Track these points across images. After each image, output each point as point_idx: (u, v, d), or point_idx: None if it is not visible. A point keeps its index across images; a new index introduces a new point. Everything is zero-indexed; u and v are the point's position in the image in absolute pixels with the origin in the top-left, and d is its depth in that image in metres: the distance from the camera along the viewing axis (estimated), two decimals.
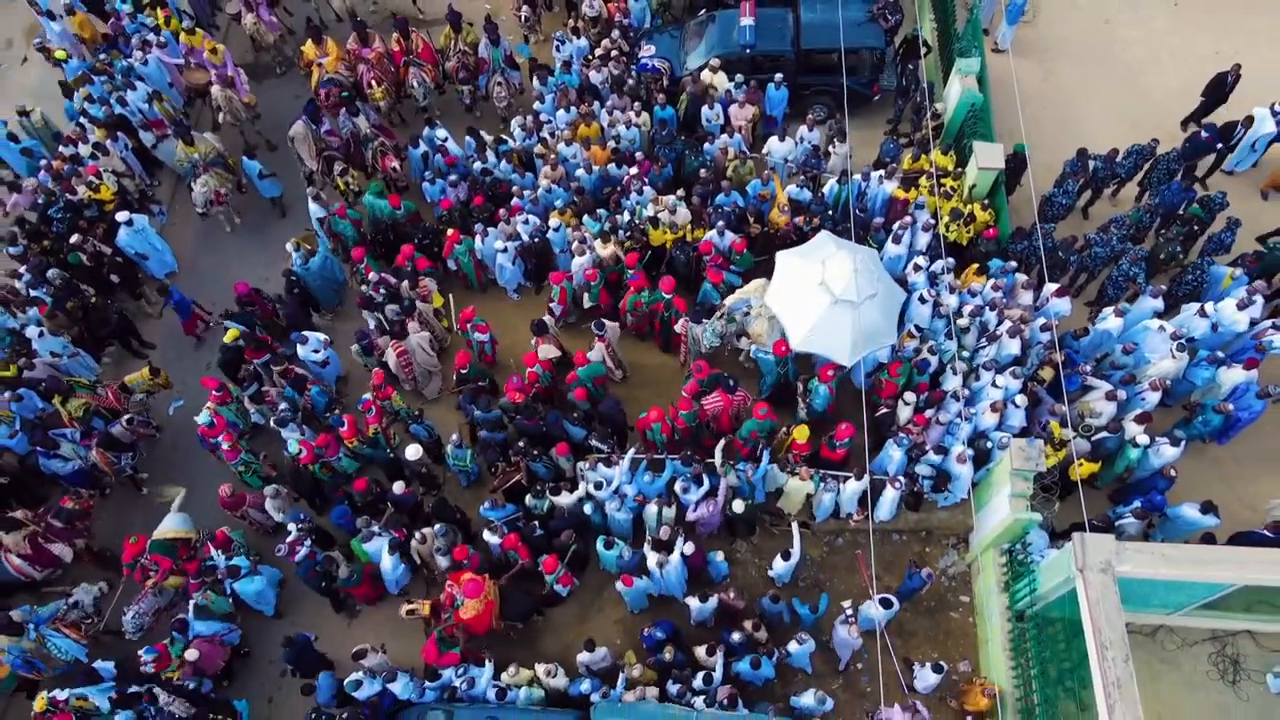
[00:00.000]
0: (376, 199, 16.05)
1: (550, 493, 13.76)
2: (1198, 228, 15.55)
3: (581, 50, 17.62)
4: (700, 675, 12.62)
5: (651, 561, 13.11)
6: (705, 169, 16.29)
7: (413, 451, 14.12)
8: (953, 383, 14.15)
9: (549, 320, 15.37)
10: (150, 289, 17.02)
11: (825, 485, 13.90)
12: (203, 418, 14.46)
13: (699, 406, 14.18)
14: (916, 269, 15.08)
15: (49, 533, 14.02)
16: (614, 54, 17.36)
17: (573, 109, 16.80)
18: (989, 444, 13.69)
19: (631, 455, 13.82)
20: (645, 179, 16.01)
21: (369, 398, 14.58)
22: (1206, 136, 16.11)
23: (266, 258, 16.92)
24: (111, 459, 14.57)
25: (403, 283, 15.59)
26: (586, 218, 15.87)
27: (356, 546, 13.69)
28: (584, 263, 15.22)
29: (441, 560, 13.71)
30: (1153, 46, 18.87)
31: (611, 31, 17.74)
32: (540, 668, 12.92)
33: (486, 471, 14.70)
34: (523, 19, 18.55)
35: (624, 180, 16.09)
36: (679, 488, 13.64)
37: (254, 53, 18.96)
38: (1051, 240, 15.20)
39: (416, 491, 14.28)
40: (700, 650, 12.88)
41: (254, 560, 13.70)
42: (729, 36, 17.53)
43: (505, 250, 15.54)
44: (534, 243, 15.73)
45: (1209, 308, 14.44)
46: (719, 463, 13.78)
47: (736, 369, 15.50)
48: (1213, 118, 16.94)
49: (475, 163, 16.55)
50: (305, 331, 15.22)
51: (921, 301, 14.72)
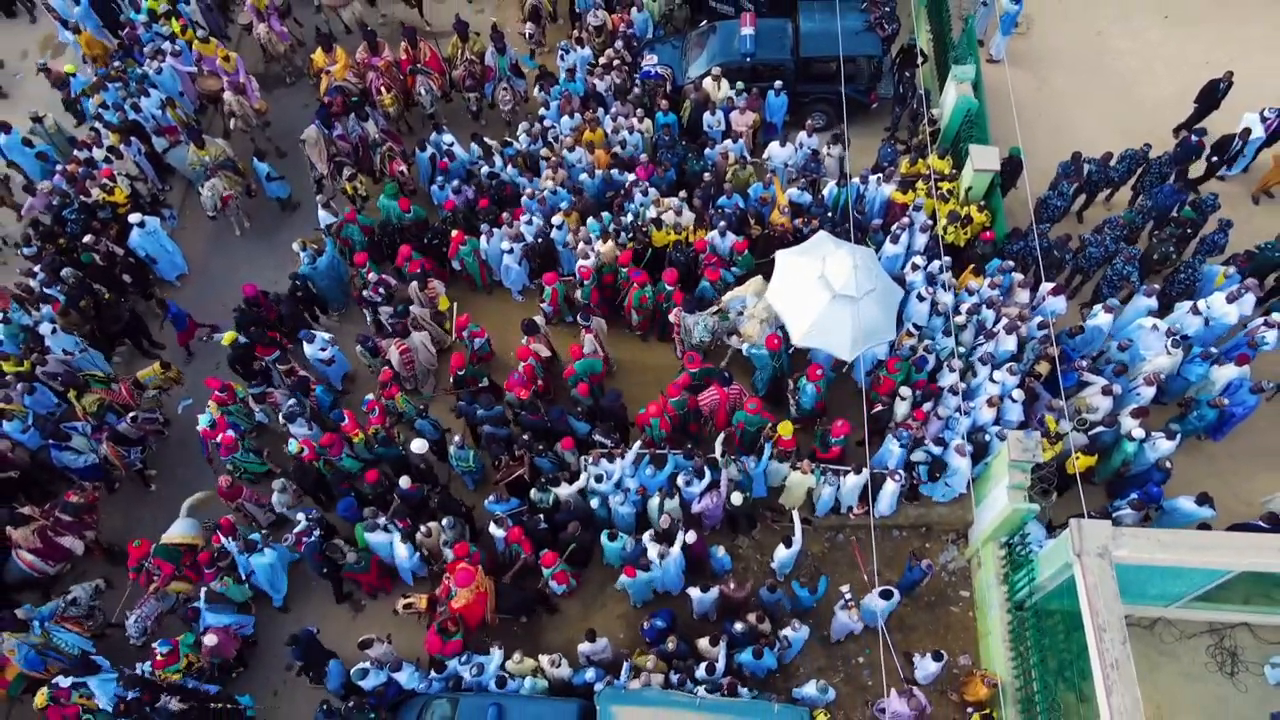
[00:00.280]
0: (390, 200, 16.38)
1: (550, 484, 13.94)
2: (1190, 230, 15.83)
3: (585, 59, 18.04)
4: (703, 666, 12.76)
5: (652, 552, 13.27)
6: (707, 173, 16.63)
7: (418, 445, 14.30)
8: (950, 378, 14.36)
9: (539, 320, 15.60)
10: (159, 291, 17.30)
11: (826, 479, 14.10)
12: (204, 420, 14.62)
13: (687, 396, 14.38)
14: (914, 268, 15.37)
15: (58, 526, 14.15)
16: (616, 63, 17.77)
17: (577, 115, 17.16)
18: (987, 436, 13.90)
19: (636, 450, 14.03)
20: (648, 182, 16.32)
21: (373, 398, 14.79)
22: (1197, 141, 16.44)
23: (275, 260, 17.20)
24: (121, 453, 14.75)
25: (411, 284, 15.88)
26: (590, 220, 16.17)
27: (360, 535, 13.87)
28: (587, 265, 15.48)
29: (447, 552, 13.87)
30: (1144, 57, 19.28)
31: (615, 41, 18.14)
32: (544, 658, 13.08)
33: (490, 467, 14.86)
34: (528, 36, 18.98)
35: (625, 185, 16.42)
36: (681, 481, 13.84)
37: (265, 63, 19.38)
38: (1047, 240, 15.48)
39: (421, 488, 14.40)
40: (703, 641, 13.01)
41: (265, 536, 13.85)
42: (730, 46, 17.93)
43: (511, 251, 15.82)
44: (539, 243, 16.00)
45: (1201, 304, 14.73)
46: (719, 456, 13.98)
47: (731, 365, 15.74)
48: (1206, 124, 17.20)
49: (483, 167, 16.87)
50: (313, 330, 15.47)
51: (920, 300, 15.00)
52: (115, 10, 19.58)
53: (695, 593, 13.49)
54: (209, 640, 13.03)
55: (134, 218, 16.22)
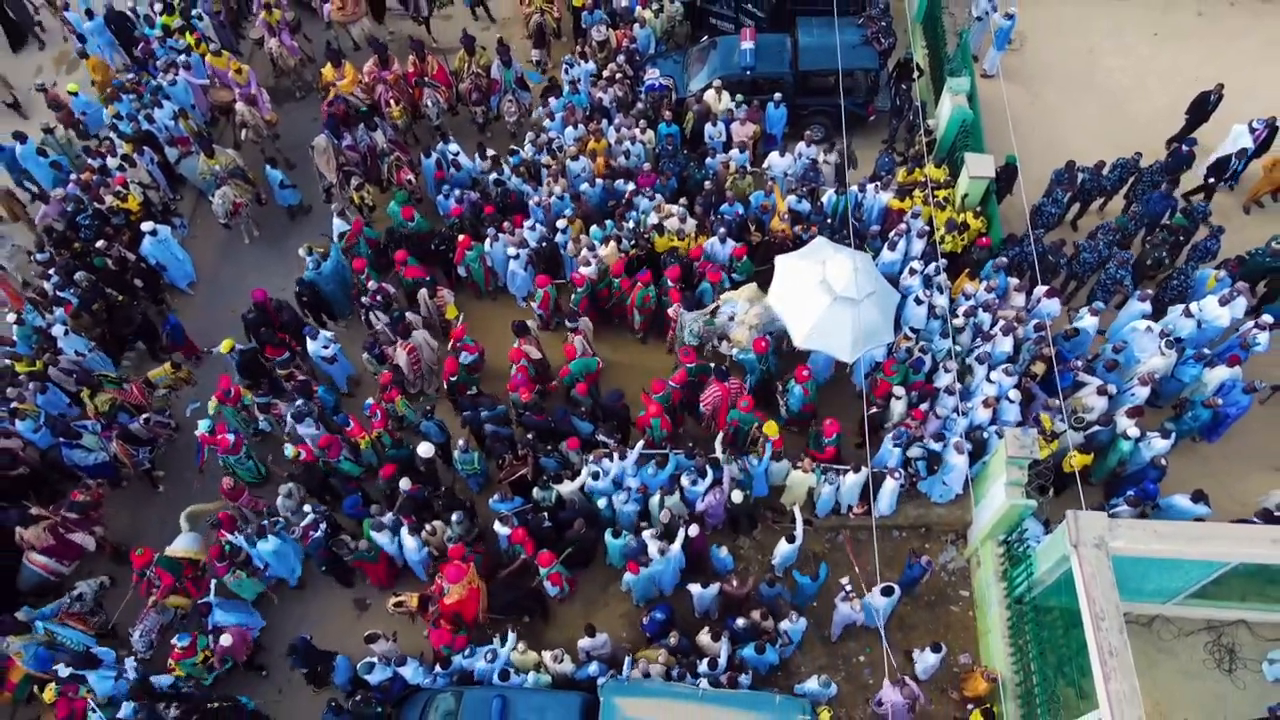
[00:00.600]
0: (400, 207, 16.71)
1: (553, 481, 14.13)
2: (1182, 237, 16.14)
3: (588, 72, 18.46)
4: (705, 661, 12.85)
5: (652, 549, 13.43)
6: (708, 181, 16.99)
7: (424, 450, 14.45)
8: (946, 379, 14.59)
9: (531, 323, 15.84)
10: (170, 298, 17.62)
11: (826, 478, 14.28)
12: (203, 425, 14.76)
13: (671, 390, 14.68)
14: (912, 273, 15.65)
15: (67, 523, 14.33)
16: (619, 76, 18.21)
17: (581, 126, 17.57)
18: (985, 434, 14.11)
19: (639, 450, 14.22)
20: (651, 190, 16.66)
21: (374, 401, 15.01)
22: (1188, 150, 16.81)
23: (284, 268, 17.48)
24: (131, 451, 14.94)
25: (421, 291, 16.18)
26: (594, 228, 16.50)
27: (367, 531, 14.05)
28: (589, 271, 15.77)
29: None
30: (1135, 72, 19.73)
31: (617, 56, 18.57)
32: (547, 654, 13.21)
33: (494, 467, 15.00)
34: (535, 62, 19.45)
35: (625, 195, 16.78)
36: (686, 481, 14.01)
37: (275, 77, 19.80)
38: (1042, 245, 15.77)
39: (423, 489, 14.55)
40: (704, 637, 13.15)
41: (272, 521, 14.04)
42: (730, 60, 18.38)
43: (517, 257, 16.13)
44: (543, 248, 16.29)
45: (1194, 307, 14.97)
46: (720, 454, 14.17)
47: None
48: (1198, 136, 17.53)
49: (491, 175, 17.25)
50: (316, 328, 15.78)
51: (917, 303, 15.27)
52: (130, 28, 19.96)
53: (696, 589, 13.61)
54: (224, 640, 13.18)
55: (146, 226, 16.51)
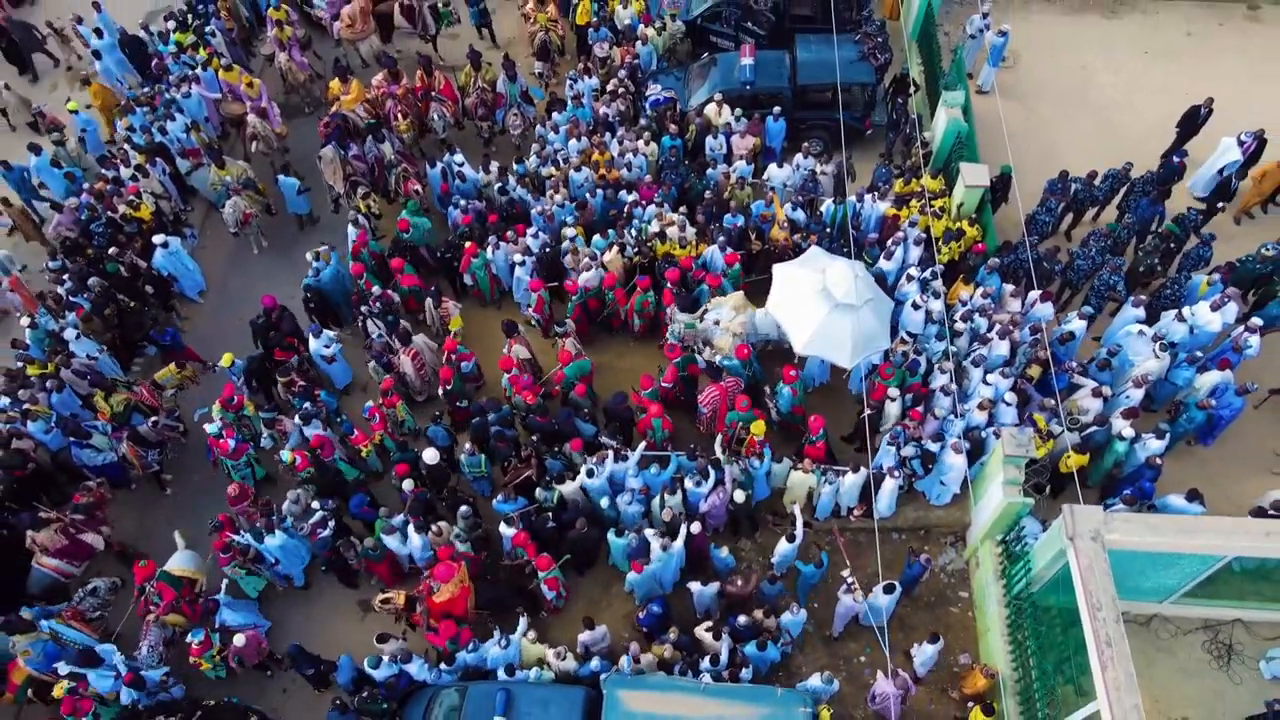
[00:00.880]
0: (414, 216, 17.10)
1: (556, 482, 14.33)
2: (1174, 244, 16.45)
3: (592, 87, 18.91)
4: (706, 659, 12.99)
5: (655, 545, 13.61)
6: (709, 192, 17.38)
7: (430, 455, 14.63)
8: (941, 380, 14.82)
9: (524, 327, 16.16)
10: (179, 306, 17.94)
11: (826, 479, 14.46)
12: (211, 429, 14.96)
13: (663, 387, 14.99)
14: (909, 279, 15.94)
15: (75, 524, 14.50)
16: (621, 91, 18.69)
17: (584, 139, 17.99)
18: (983, 434, 14.32)
19: (641, 452, 14.42)
20: (654, 200, 17.01)
21: (374, 404, 15.24)
22: (1178, 162, 17.20)
23: (292, 278, 17.72)
24: (140, 453, 15.14)
25: (426, 300, 16.51)
26: (596, 237, 16.83)
27: (378, 532, 14.23)
28: (590, 277, 16.09)
29: (460, 546, 14.21)
30: (1127, 89, 20.16)
31: (619, 71, 19.04)
32: (550, 651, 13.30)
33: (499, 471, 15.19)
34: (539, 75, 19.96)
35: (627, 205, 17.16)
36: (689, 483, 14.18)
37: (285, 93, 20.24)
38: (1037, 252, 16.06)
39: (426, 491, 14.75)
40: (706, 635, 13.28)
41: (277, 519, 14.23)
42: (730, 75, 18.82)
43: (524, 264, 16.42)
44: (546, 253, 16.62)
45: (1186, 311, 15.23)
46: (720, 455, 14.38)
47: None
48: (1188, 149, 17.93)
49: (497, 184, 17.61)
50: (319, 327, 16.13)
51: (915, 308, 15.53)
52: (144, 50, 20.34)
53: (695, 586, 13.76)
54: (238, 640, 13.34)
55: (157, 239, 16.90)
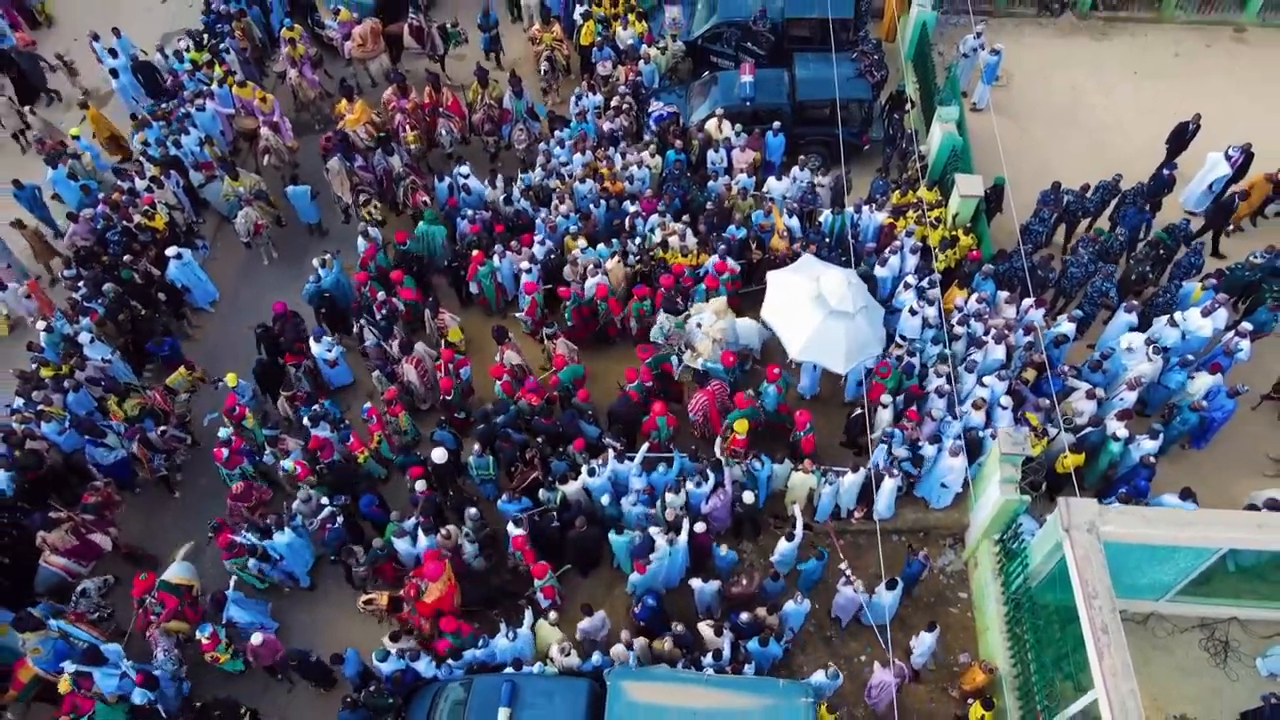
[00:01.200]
0: (430, 225, 17.56)
1: (560, 482, 14.53)
2: (1164, 252, 16.85)
3: (595, 104, 19.44)
4: (709, 655, 13.16)
5: (660, 541, 13.79)
6: (710, 203, 17.82)
7: (438, 455, 14.83)
8: (937, 382, 15.10)
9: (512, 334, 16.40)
10: (190, 314, 18.30)
11: (826, 479, 14.67)
12: (223, 433, 15.19)
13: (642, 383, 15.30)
14: (906, 287, 16.28)
15: (85, 524, 14.70)
16: (625, 107, 19.23)
17: (588, 153, 18.50)
18: (980, 434, 14.56)
19: (644, 454, 14.64)
20: (655, 212, 17.45)
21: (371, 405, 15.53)
22: (1169, 174, 17.65)
23: (302, 288, 17.89)
24: (148, 454, 15.40)
25: (424, 313, 16.83)
26: (600, 245, 17.20)
27: (389, 535, 14.41)
28: (591, 285, 16.47)
29: (469, 547, 14.41)
30: (1116, 108, 20.67)
31: (621, 88, 19.60)
32: (554, 647, 13.43)
33: (504, 475, 15.35)
34: (542, 73, 20.51)
35: (628, 216, 17.63)
36: (690, 485, 14.35)
37: (296, 110, 20.73)
38: (1031, 261, 16.42)
39: (435, 494, 14.94)
40: (707, 631, 13.43)
41: (287, 516, 14.45)
42: (731, 92, 19.34)
43: (530, 271, 16.78)
44: (551, 259, 17.02)
45: (1178, 316, 15.53)
46: (722, 457, 14.60)
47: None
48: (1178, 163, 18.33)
49: (502, 195, 18.08)
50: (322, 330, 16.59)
51: (912, 313, 15.84)
52: (156, 76, 20.85)
53: (697, 583, 13.93)
54: (255, 639, 13.46)
55: (171, 251, 17.28)
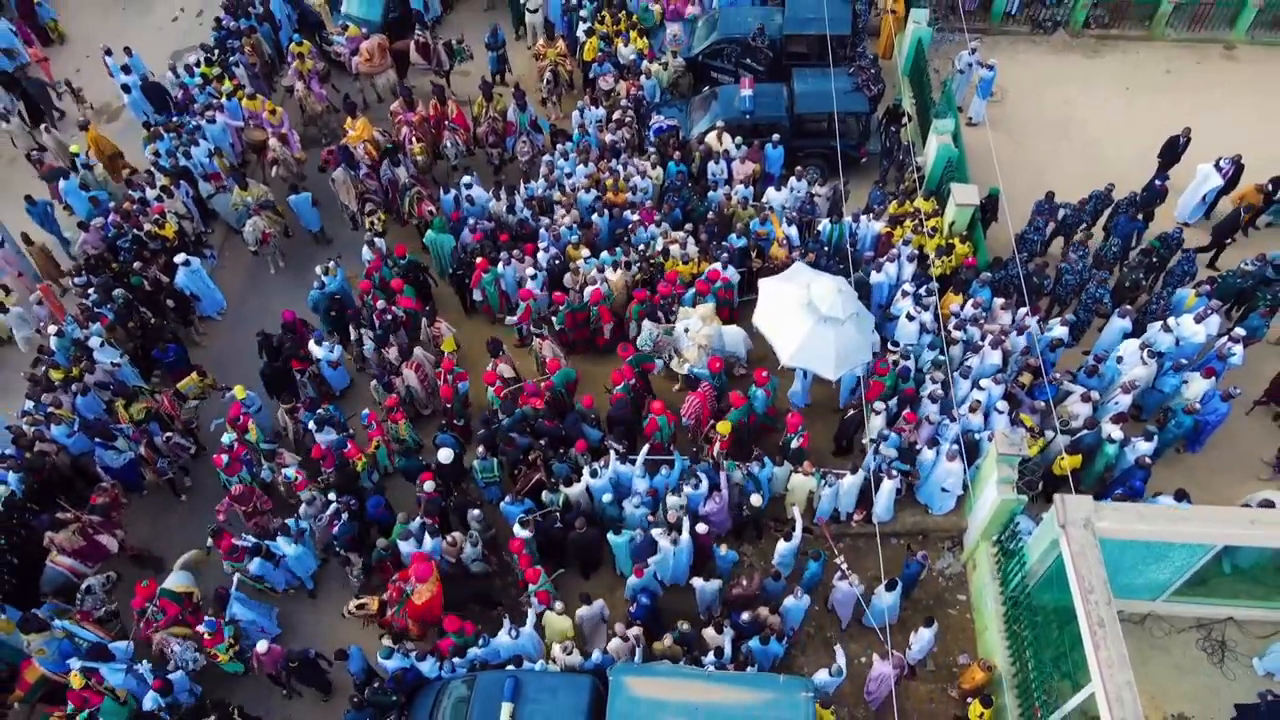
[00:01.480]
0: (439, 234, 17.89)
1: (564, 484, 14.69)
2: (1157, 260, 17.12)
3: (598, 117, 19.86)
4: (710, 654, 13.30)
5: (664, 542, 13.94)
6: (711, 213, 18.19)
7: (444, 455, 15.07)
8: (930, 387, 15.36)
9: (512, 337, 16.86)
10: (198, 322, 18.60)
11: (826, 481, 14.83)
12: (226, 438, 15.37)
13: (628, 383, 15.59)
14: (904, 295, 16.55)
15: (93, 525, 14.85)
16: (627, 120, 19.64)
17: (591, 164, 18.93)
18: (977, 437, 14.76)
19: (645, 456, 14.79)
20: (653, 222, 17.86)
21: (371, 411, 15.77)
22: (1160, 185, 18.00)
23: (307, 296, 18.16)
24: (153, 457, 15.61)
25: (420, 320, 17.13)
26: (604, 254, 17.52)
27: (395, 536, 14.64)
28: (590, 291, 16.82)
29: (469, 549, 14.55)
30: (1110, 123, 21.00)
31: (623, 102, 20.02)
32: (556, 646, 13.56)
33: (509, 478, 15.55)
34: (544, 84, 20.98)
35: (630, 225, 18.00)
36: (687, 488, 14.53)
37: (303, 125, 21.09)
38: (1026, 268, 16.70)
39: (441, 496, 15.08)
40: (708, 630, 13.59)
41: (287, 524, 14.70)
42: (731, 105, 19.74)
43: (535, 277, 17.11)
44: (555, 265, 17.35)
45: (1171, 322, 15.80)
46: (721, 461, 14.79)
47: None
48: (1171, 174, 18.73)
49: (506, 204, 18.43)
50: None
51: (909, 319, 16.08)
52: (164, 97, 21.16)
53: (699, 582, 14.08)
54: (261, 647, 13.57)
55: (179, 258, 17.55)
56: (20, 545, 14.83)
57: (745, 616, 13.60)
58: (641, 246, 17.50)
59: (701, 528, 14.21)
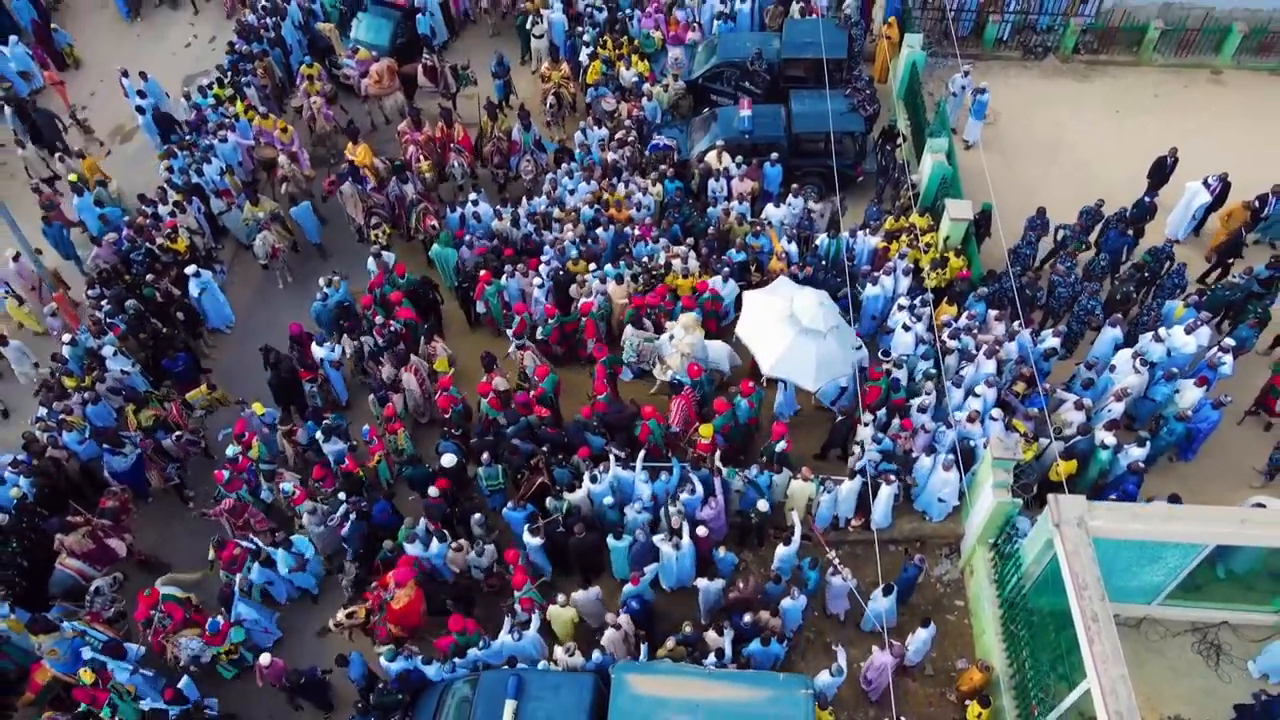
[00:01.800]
0: (445, 248, 18.26)
1: (566, 490, 14.88)
2: (1147, 274, 17.42)
3: (600, 137, 20.32)
4: (712, 656, 13.39)
5: (666, 548, 14.11)
6: (710, 228, 18.59)
7: (448, 460, 15.24)
8: (920, 398, 15.53)
9: (511, 349, 16.94)
10: (207, 335, 18.89)
11: (825, 487, 14.95)
12: (231, 450, 15.57)
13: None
14: (900, 308, 16.81)
15: (103, 528, 15.03)
16: (630, 140, 20.09)
17: (594, 182, 19.42)
18: (972, 443, 14.96)
19: (643, 461, 14.90)
20: (651, 238, 18.31)
21: (372, 427, 15.97)
22: (1150, 202, 18.38)
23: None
24: (160, 463, 15.84)
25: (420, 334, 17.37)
26: (608, 266, 17.89)
27: (401, 539, 14.78)
28: (585, 301, 17.27)
29: (472, 552, 14.70)
30: (1100, 145, 21.33)
31: (625, 122, 20.50)
32: (559, 649, 13.67)
33: (511, 486, 15.72)
34: (547, 106, 21.46)
35: (630, 240, 18.43)
36: (683, 494, 14.69)
37: (312, 145, 21.49)
38: (1020, 281, 16.99)
39: (445, 503, 15.21)
40: (709, 633, 13.68)
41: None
42: (730, 126, 20.19)
43: (542, 286, 17.51)
44: (560, 277, 17.72)
45: (1163, 332, 16.01)
46: (720, 467, 14.94)
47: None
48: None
49: (510, 218, 18.85)
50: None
51: (905, 329, 16.36)
52: (172, 125, 21.58)
53: (703, 582, 14.20)
54: (264, 660, 13.70)
55: (190, 270, 17.88)
56: (31, 548, 14.98)
57: (746, 618, 13.68)
58: (645, 259, 17.83)
59: (701, 530, 14.34)
